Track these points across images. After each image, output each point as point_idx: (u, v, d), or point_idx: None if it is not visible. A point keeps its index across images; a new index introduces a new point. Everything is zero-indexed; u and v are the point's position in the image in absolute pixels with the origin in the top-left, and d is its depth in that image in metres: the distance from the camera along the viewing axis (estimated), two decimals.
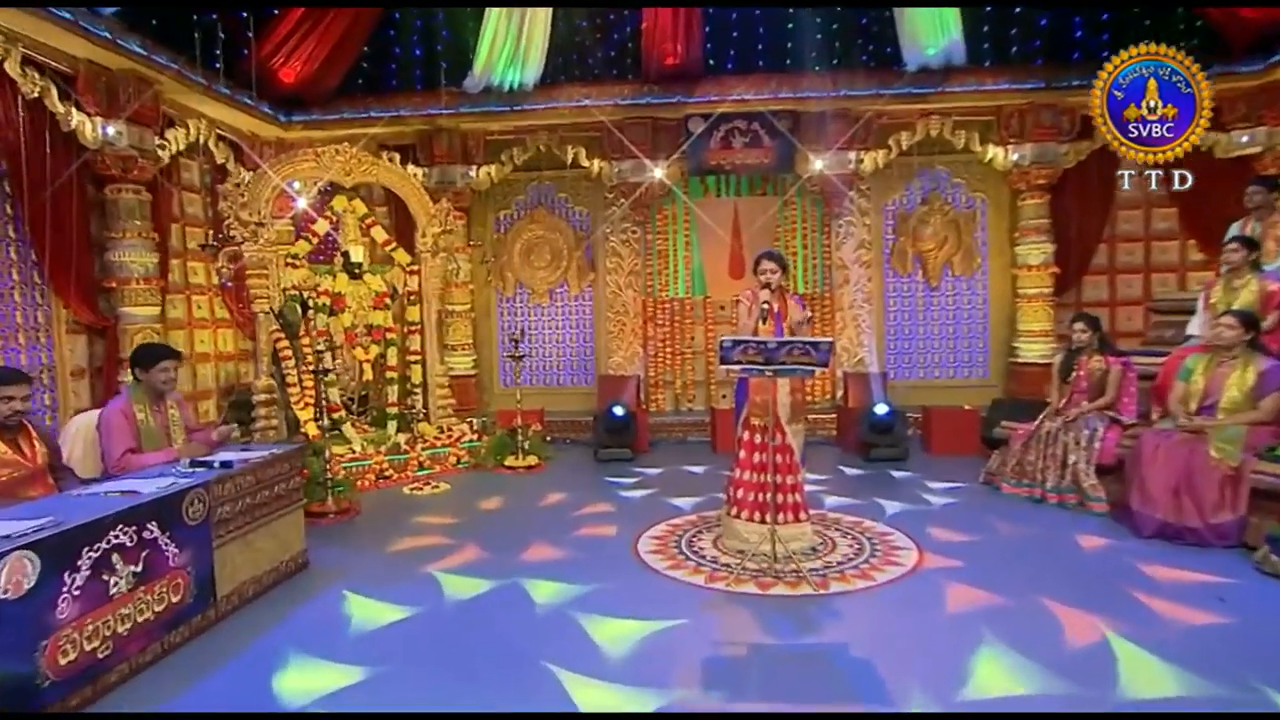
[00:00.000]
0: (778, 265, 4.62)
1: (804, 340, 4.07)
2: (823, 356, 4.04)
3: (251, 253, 6.44)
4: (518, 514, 5.62)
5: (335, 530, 5.27)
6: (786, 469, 4.59)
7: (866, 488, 6.16)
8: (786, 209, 8.75)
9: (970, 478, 6.23)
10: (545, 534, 5.01)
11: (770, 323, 4.57)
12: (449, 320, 8.59)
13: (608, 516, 5.45)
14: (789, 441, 4.60)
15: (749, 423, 4.66)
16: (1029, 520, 5.08)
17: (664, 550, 4.67)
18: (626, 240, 8.86)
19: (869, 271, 8.71)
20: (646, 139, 8.24)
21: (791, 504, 4.61)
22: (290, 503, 4.31)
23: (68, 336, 6.07)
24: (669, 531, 5.04)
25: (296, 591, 4.07)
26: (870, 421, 7.10)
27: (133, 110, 6.12)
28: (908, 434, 7.31)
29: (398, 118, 8.14)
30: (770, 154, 8.21)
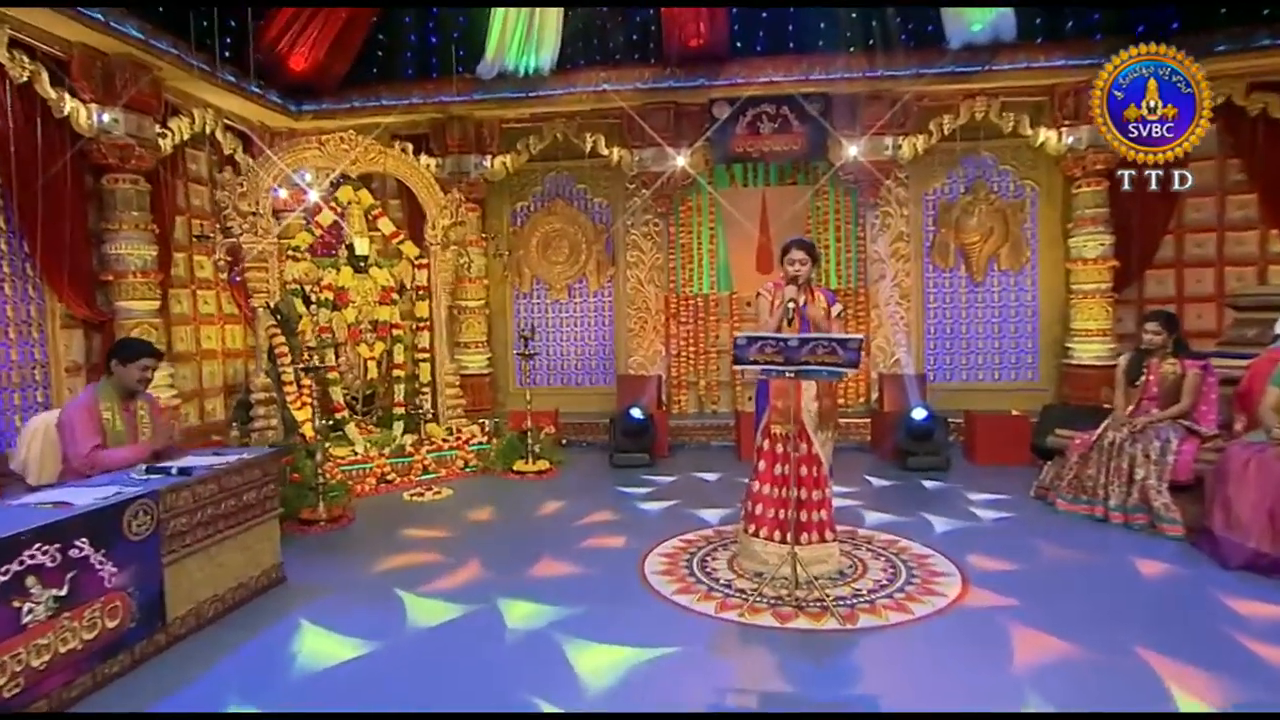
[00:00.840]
0: (808, 256, 4.10)
1: (829, 337, 3.55)
2: (851, 356, 3.51)
3: (250, 245, 6.13)
4: (517, 525, 5.19)
5: (324, 540, 4.90)
6: (811, 483, 4.07)
7: (902, 500, 5.58)
8: (818, 199, 8.18)
9: (1019, 491, 5.61)
10: (544, 549, 4.56)
11: (797, 324, 4.05)
12: (462, 317, 8.22)
13: (616, 530, 4.98)
14: (816, 452, 4.09)
15: (769, 430, 4.16)
16: (1091, 544, 4.46)
17: (673, 570, 4.18)
18: (648, 233, 8.38)
19: (907, 266, 8.10)
20: (668, 125, 7.76)
21: (817, 522, 4.08)
22: (263, 512, 3.93)
23: (62, 332, 5.82)
24: (681, 549, 4.55)
25: (262, 613, 3.68)
26: (907, 427, 6.50)
27: (130, 97, 5.85)
28: (948, 441, 6.70)
29: (410, 106, 7.78)
30: (800, 140, 7.65)
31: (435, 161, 7.96)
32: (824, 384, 4.09)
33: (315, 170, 6.83)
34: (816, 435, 4.09)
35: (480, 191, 8.18)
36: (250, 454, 3.93)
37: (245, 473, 3.79)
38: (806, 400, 4.08)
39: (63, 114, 5.46)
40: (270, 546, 4.01)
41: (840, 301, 4.27)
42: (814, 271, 4.19)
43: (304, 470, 5.23)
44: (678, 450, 7.60)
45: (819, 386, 4.09)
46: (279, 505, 4.09)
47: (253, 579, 3.85)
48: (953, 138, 7.67)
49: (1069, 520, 4.91)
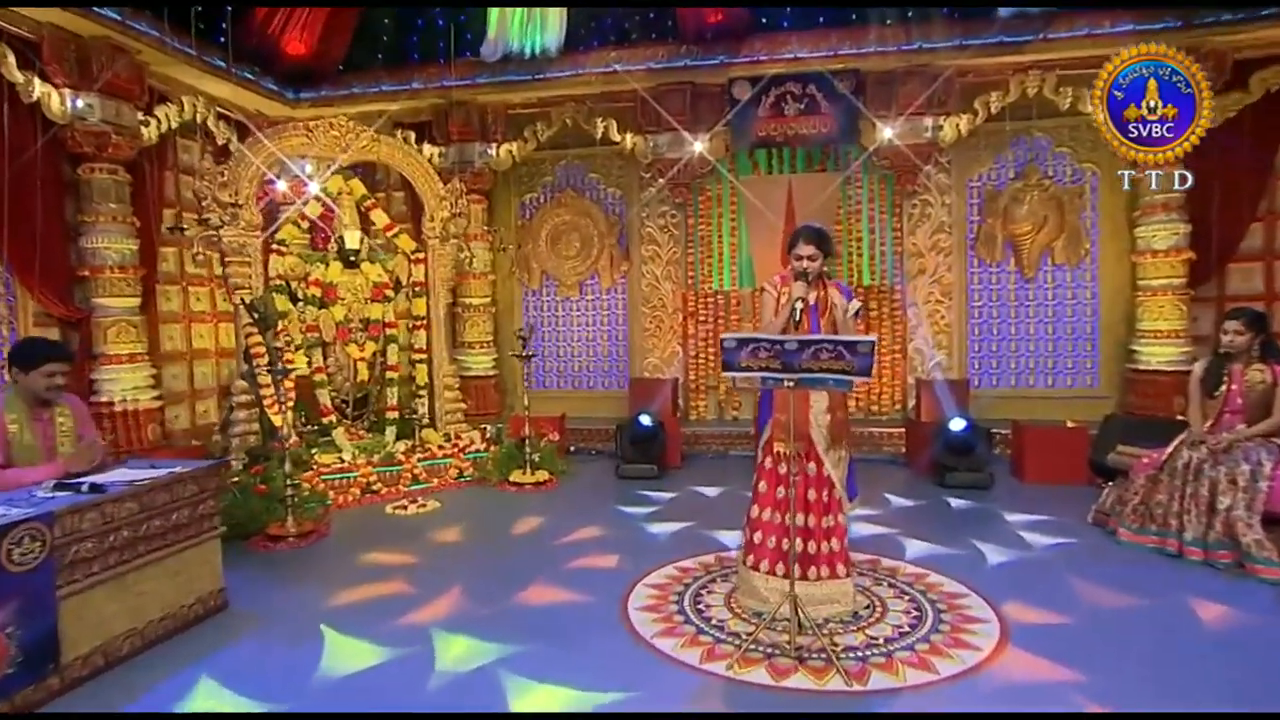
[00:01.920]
0: (818, 248, 3.53)
1: (835, 340, 2.98)
2: (862, 362, 2.94)
3: (230, 238, 5.81)
4: (497, 545, 4.72)
5: (289, 558, 4.51)
6: (820, 508, 3.51)
7: (934, 523, 4.95)
8: (850, 187, 7.54)
9: (1074, 515, 4.92)
10: (522, 574, 4.08)
11: (806, 326, 3.49)
12: (466, 315, 7.82)
13: (606, 553, 4.47)
14: (826, 473, 3.52)
15: (771, 447, 3.61)
16: (1163, 585, 3.76)
17: (660, 606, 3.66)
18: (665, 225, 7.87)
19: (949, 260, 7.40)
20: (685, 108, 7.22)
21: (826, 554, 3.51)
22: (199, 533, 3.54)
23: (36, 330, 5.57)
24: (675, 578, 4.02)
25: (187, 649, 3.28)
26: (945, 439, 5.84)
27: (107, 81, 5.58)
28: (991, 455, 6.01)
29: (411, 91, 7.41)
30: (829, 122, 7.03)
31: (438, 150, 7.59)
32: (836, 394, 3.51)
33: (313, 160, 6.51)
34: (827, 454, 3.53)
35: (486, 182, 7.77)
36: (185, 467, 3.54)
37: (176, 489, 3.41)
38: (815, 413, 3.52)
39: (31, 99, 5.20)
40: (209, 571, 3.61)
41: (859, 298, 3.68)
42: (827, 264, 3.61)
43: (274, 481, 4.86)
44: (693, 460, 7.06)
45: (831, 397, 3.52)
46: (220, 524, 3.70)
47: (185, 608, 3.46)
48: (1001, 117, 6.94)
49: (1134, 554, 4.22)
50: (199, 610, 3.53)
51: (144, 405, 5.88)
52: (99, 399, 5.72)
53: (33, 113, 5.33)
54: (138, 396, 5.85)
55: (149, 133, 6.05)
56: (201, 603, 3.56)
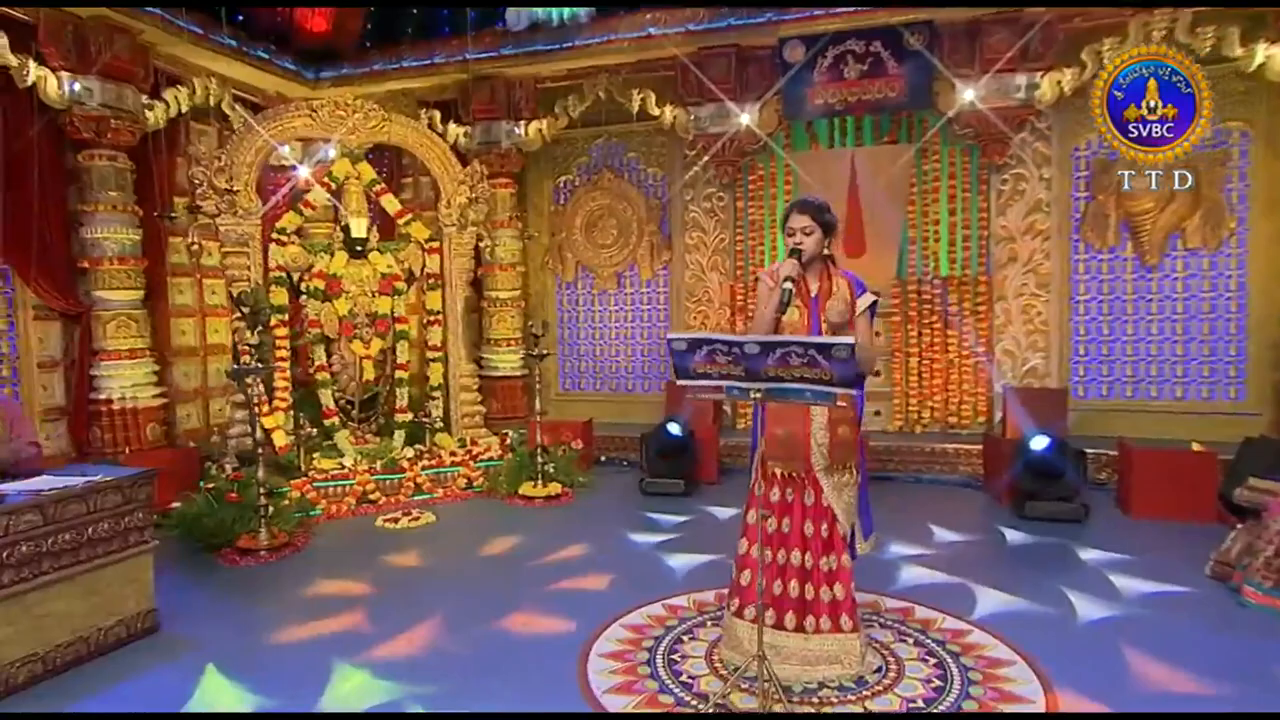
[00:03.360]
0: (814, 222, 3.10)
1: (807, 342, 2.56)
2: (842, 370, 2.50)
3: (228, 227, 5.87)
4: (464, 570, 4.50)
5: (252, 575, 4.44)
6: (820, 545, 3.09)
7: (1002, 562, 4.36)
8: (925, 161, 6.90)
9: (1189, 562, 4.21)
10: (487, 609, 3.83)
11: (802, 315, 3.08)
12: (492, 310, 7.68)
13: (593, 583, 4.17)
14: (826, 502, 3.08)
15: (765, 469, 3.20)
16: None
17: (629, 654, 3.32)
18: (711, 209, 7.46)
19: (1047, 245, 6.64)
20: (730, 75, 6.80)
21: (827, 603, 3.08)
22: (124, 548, 3.48)
23: (36, 324, 5.81)
24: (656, 620, 3.67)
25: (89, 680, 3.20)
26: (1025, 460, 5.18)
27: (106, 64, 5.73)
28: (1084, 481, 5.30)
29: (432, 66, 7.33)
30: (898, 84, 6.44)
31: (463, 131, 7.48)
32: (840, 405, 3.06)
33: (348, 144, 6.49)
34: (827, 479, 3.08)
35: (514, 164, 7.60)
36: (109, 475, 3.49)
37: (93, 500, 3.35)
38: (814, 429, 3.09)
39: (25, 83, 5.39)
40: (136, 590, 3.55)
41: (874, 293, 3.22)
42: (829, 244, 3.17)
43: (247, 488, 4.83)
44: (732, 475, 6.62)
45: (833, 409, 3.07)
46: (151, 538, 3.63)
47: (103, 631, 3.40)
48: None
49: (1263, 622, 3.52)
50: (120, 633, 3.47)
51: (143, 403, 6.01)
52: (98, 396, 5.90)
53: (30, 97, 5.52)
54: (137, 394, 5.99)
55: (154, 117, 6.19)
56: (125, 625, 3.49)
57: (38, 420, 5.78)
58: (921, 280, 6.93)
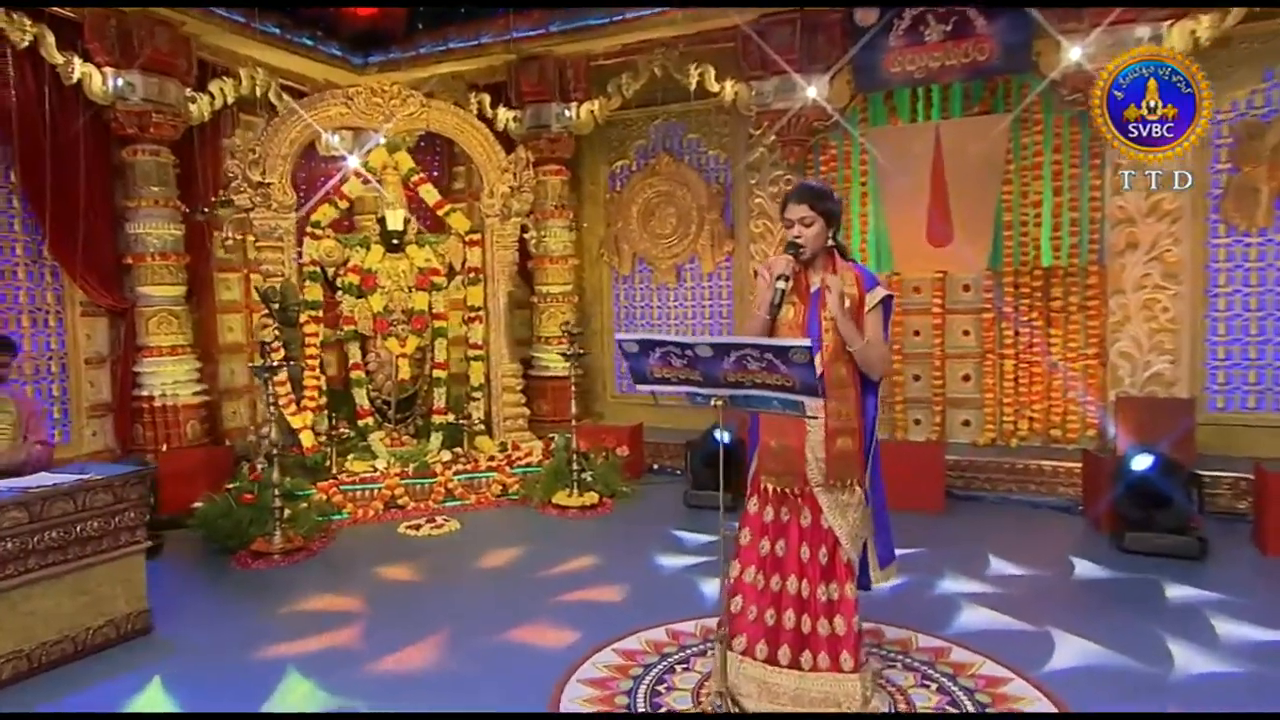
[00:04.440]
0: (813, 211, 2.90)
1: (763, 345, 2.38)
2: (802, 375, 2.31)
3: (262, 220, 6.14)
4: (471, 584, 4.49)
5: (262, 579, 4.59)
6: (818, 572, 2.88)
7: (1086, 606, 3.96)
8: (1024, 133, 6.39)
9: None
10: (474, 627, 3.80)
11: (798, 313, 2.90)
12: (543, 306, 7.69)
13: (600, 601, 4.08)
14: (825, 524, 2.88)
15: (759, 484, 3.03)
16: None
17: (612, 683, 3.21)
18: (778, 194, 7.16)
19: (1175, 228, 6.00)
20: (795, 44, 6.53)
21: (826, 638, 2.87)
22: (114, 547, 3.65)
23: (83, 320, 6.23)
24: (655, 646, 3.54)
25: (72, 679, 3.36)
26: (1126, 482, 4.70)
27: (148, 57, 6.10)
28: (1202, 510, 4.75)
29: (479, 47, 7.41)
30: (989, 45, 6.00)
31: (512, 115, 7.54)
32: (841, 409, 2.86)
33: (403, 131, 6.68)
34: (826, 497, 2.88)
35: (566, 149, 7.59)
36: (99, 473, 3.68)
37: (81, 498, 3.52)
38: (811, 440, 2.89)
39: (71, 80, 5.81)
40: (127, 590, 3.71)
41: (886, 286, 2.99)
42: (833, 236, 2.96)
43: (263, 494, 5.02)
44: None
45: (834, 417, 2.86)
46: (144, 538, 3.80)
47: (92, 631, 3.57)
48: (1267, 12, 5.52)
49: None
50: (110, 634, 3.63)
51: (184, 401, 6.36)
52: (140, 393, 6.28)
53: (77, 94, 5.95)
54: (178, 391, 6.34)
55: (198, 109, 6.54)
56: (115, 626, 3.66)
57: (84, 416, 6.25)
58: (1019, 271, 6.44)
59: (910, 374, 6.85)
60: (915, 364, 6.84)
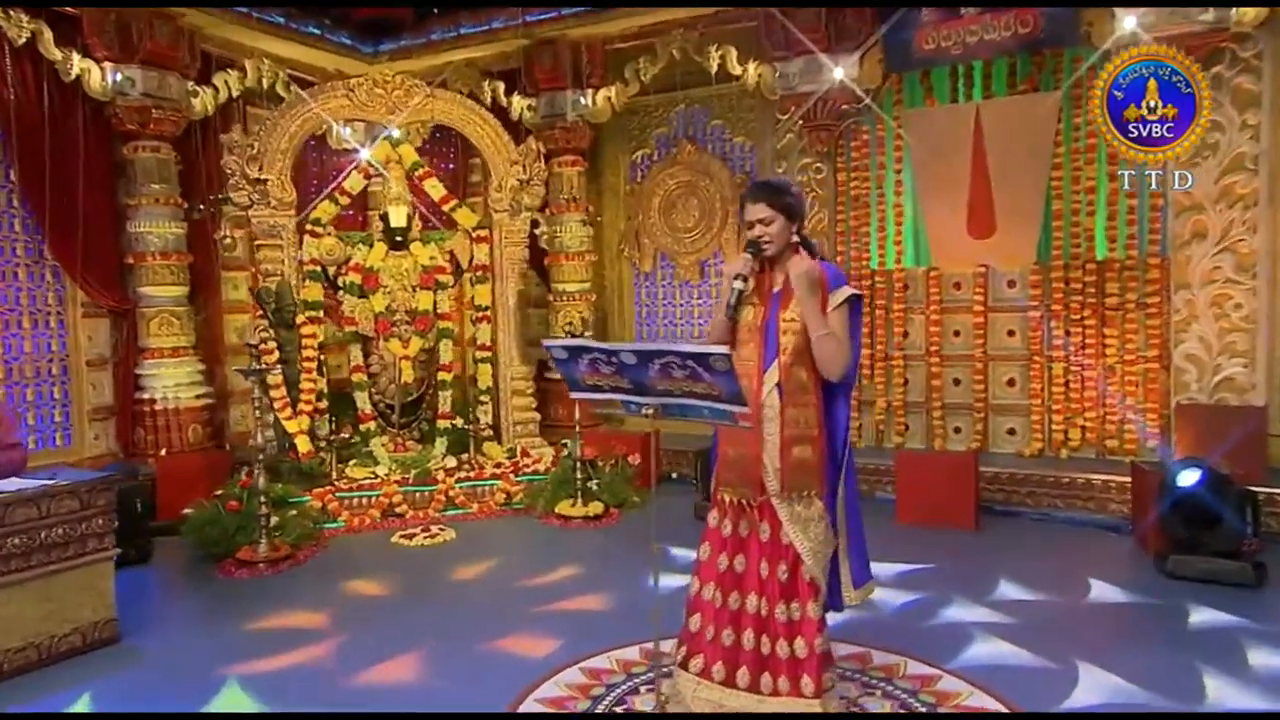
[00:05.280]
0: (772, 209, 2.83)
1: (686, 352, 2.33)
2: (725, 384, 2.26)
3: (260, 218, 6.30)
4: (443, 600, 4.52)
5: (245, 588, 4.68)
6: (777, 590, 2.81)
7: (1115, 637, 3.78)
8: (1078, 112, 6.14)
9: None
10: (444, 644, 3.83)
11: (757, 314, 2.86)
12: (558, 304, 7.70)
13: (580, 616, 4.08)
14: (786, 539, 2.81)
15: (718, 495, 2.99)
16: None
17: (572, 702, 3.22)
18: (807, 183, 7.06)
19: (1248, 215, 5.69)
20: (820, 22, 6.40)
21: (786, 660, 2.80)
22: (80, 554, 3.76)
23: (85, 321, 6.45)
24: (625, 665, 3.51)
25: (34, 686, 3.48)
26: (1172, 500, 4.47)
27: (148, 51, 6.29)
28: (1255, 529, 4.48)
29: (491, 32, 7.46)
30: (1032, 17, 5.78)
31: (527, 104, 7.59)
32: (798, 416, 2.80)
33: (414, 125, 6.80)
34: (785, 509, 2.81)
35: (582, 138, 7.58)
36: (67, 480, 3.81)
37: (45, 504, 3.62)
38: (768, 449, 2.82)
39: (70, 76, 6.04)
40: (94, 598, 3.80)
41: (855, 285, 2.92)
42: (796, 233, 2.89)
43: (249, 502, 5.14)
44: None
45: (792, 425, 2.80)
46: (110, 544, 3.94)
47: (57, 639, 3.68)
48: None
49: None
50: (75, 642, 3.73)
51: (185, 404, 6.55)
52: (142, 396, 6.50)
53: (77, 91, 6.18)
54: (179, 394, 6.54)
55: (200, 104, 6.72)
56: (81, 634, 3.75)
57: (86, 419, 6.51)
58: (1070, 265, 6.18)
59: (950, 378, 6.65)
60: (955, 367, 6.63)
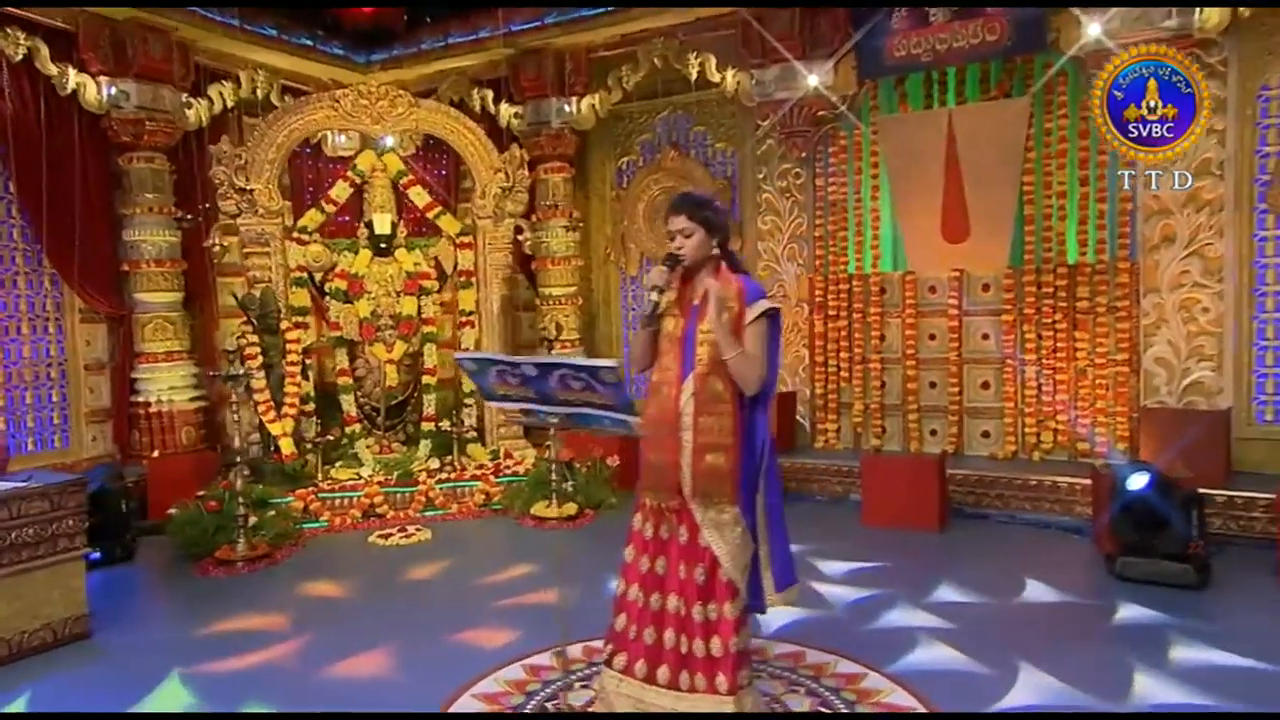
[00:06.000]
0: (691, 222, 2.91)
1: (579, 365, 2.43)
2: (616, 395, 2.36)
3: (248, 226, 6.46)
4: (411, 596, 4.67)
5: (221, 587, 4.83)
6: (695, 591, 2.89)
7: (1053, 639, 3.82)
8: (1049, 117, 6.16)
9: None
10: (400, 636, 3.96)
11: (678, 325, 2.94)
12: (545, 308, 7.82)
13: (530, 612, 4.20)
14: (703, 543, 2.89)
15: (642, 501, 3.07)
16: None
17: (502, 698, 3.33)
18: (787, 189, 7.14)
19: (1215, 219, 5.71)
20: (794, 30, 6.47)
21: (702, 659, 2.87)
22: (50, 553, 3.91)
23: (83, 326, 6.66)
24: (568, 663, 3.61)
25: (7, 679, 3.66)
26: (1122, 503, 4.51)
27: (142, 65, 6.48)
28: (1202, 533, 4.49)
29: (477, 42, 7.56)
30: (999, 25, 5.82)
31: (514, 111, 7.70)
32: (712, 424, 2.87)
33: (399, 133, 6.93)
34: (702, 514, 2.88)
35: (567, 145, 7.69)
36: (39, 483, 3.97)
37: (15, 505, 3.78)
38: (685, 454, 2.90)
39: (66, 90, 6.22)
40: (64, 596, 3.97)
41: (773, 299, 2.99)
42: (718, 245, 2.97)
43: (226, 503, 5.29)
44: (792, 502, 6.24)
45: (707, 431, 2.87)
46: (83, 545, 4.07)
47: (28, 634, 3.84)
48: None
49: None
50: (46, 638, 3.90)
51: (179, 406, 6.75)
52: (137, 399, 6.71)
53: (74, 104, 6.37)
54: (174, 397, 6.74)
55: (194, 115, 6.91)
56: (51, 630, 3.92)
57: (84, 421, 6.70)
58: (1042, 269, 6.21)
59: (926, 381, 6.68)
60: (931, 370, 6.67)
